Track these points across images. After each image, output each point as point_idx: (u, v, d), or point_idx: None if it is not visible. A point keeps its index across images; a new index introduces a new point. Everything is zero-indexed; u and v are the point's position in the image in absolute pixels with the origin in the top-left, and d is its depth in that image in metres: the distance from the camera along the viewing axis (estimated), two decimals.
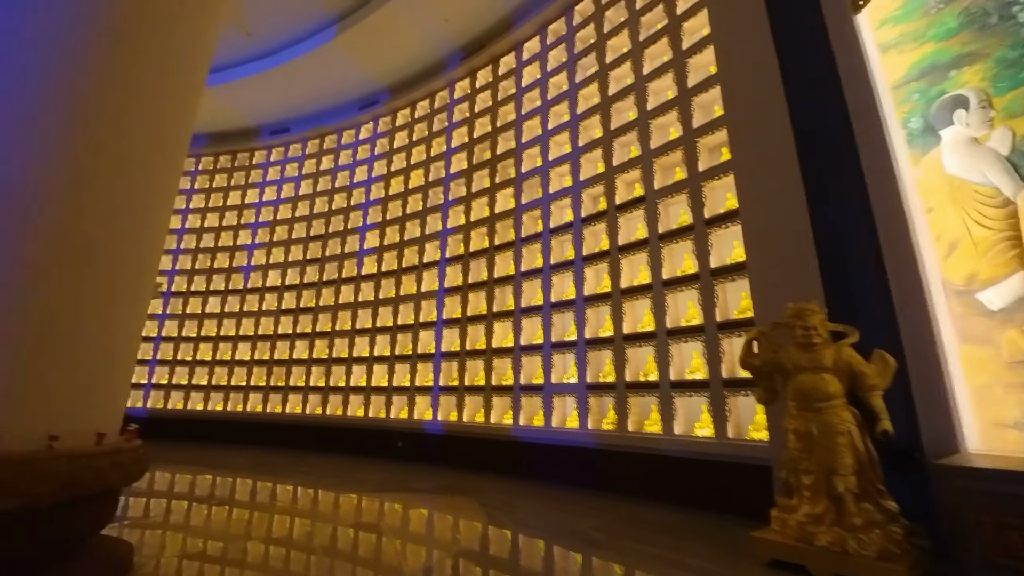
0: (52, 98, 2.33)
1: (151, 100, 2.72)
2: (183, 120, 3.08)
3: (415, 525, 3.70)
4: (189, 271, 9.87)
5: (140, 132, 2.63)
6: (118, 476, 2.22)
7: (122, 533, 3.20)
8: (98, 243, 2.37)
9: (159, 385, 9.16)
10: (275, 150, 10.40)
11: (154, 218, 2.77)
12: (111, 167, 2.46)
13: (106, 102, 2.48)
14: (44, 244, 2.18)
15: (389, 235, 8.21)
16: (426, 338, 7.19)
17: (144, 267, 2.68)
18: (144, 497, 4.44)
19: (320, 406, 7.87)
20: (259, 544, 3.12)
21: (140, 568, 2.53)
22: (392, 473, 5.68)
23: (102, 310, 2.37)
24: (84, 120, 2.39)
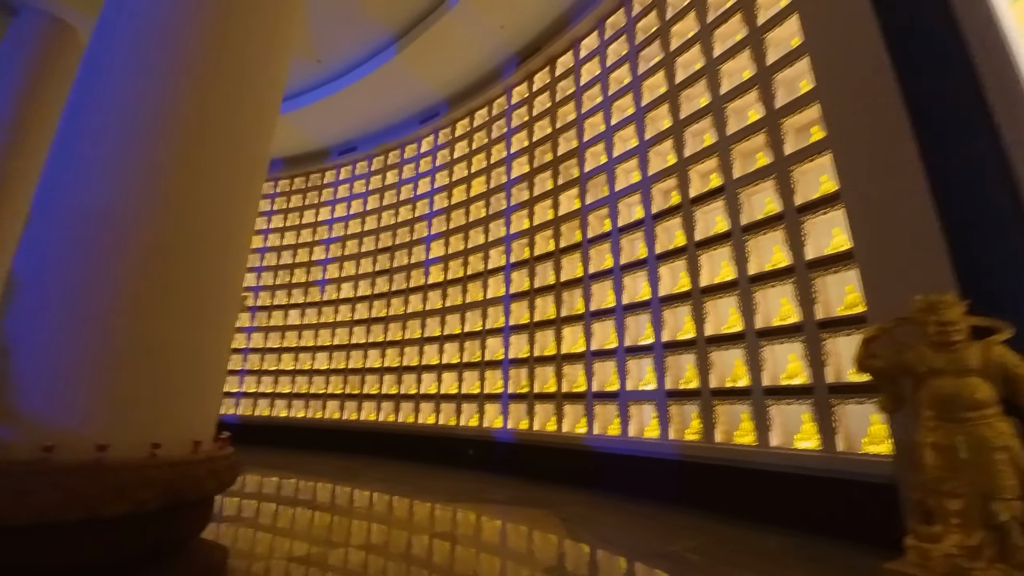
0: (146, 131, 2.48)
1: (232, 130, 2.84)
2: (261, 146, 3.20)
3: (492, 537, 3.57)
4: (272, 286, 10.56)
5: (223, 159, 2.75)
6: (213, 483, 2.28)
7: (218, 534, 3.35)
8: (189, 261, 2.47)
9: (248, 393, 9.83)
10: (343, 169, 10.92)
11: (238, 237, 2.88)
12: (197, 192, 2.57)
13: (192, 133, 2.61)
14: (140, 263, 2.30)
15: (453, 244, 8.29)
16: (494, 345, 7.14)
17: (231, 282, 2.79)
18: (236, 498, 4.69)
19: (393, 413, 8.04)
20: (341, 549, 3.14)
21: (233, 573, 2.59)
22: (464, 482, 5.63)
23: (195, 323, 2.47)
24: (173, 149, 2.51)
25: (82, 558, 1.86)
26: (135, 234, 2.32)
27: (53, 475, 1.84)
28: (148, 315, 2.28)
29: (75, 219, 2.25)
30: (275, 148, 11.37)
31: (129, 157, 2.41)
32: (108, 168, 2.36)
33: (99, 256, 2.23)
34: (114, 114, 2.47)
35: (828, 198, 3.94)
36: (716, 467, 4.23)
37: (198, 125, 2.64)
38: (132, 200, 2.35)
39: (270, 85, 3.24)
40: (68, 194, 2.31)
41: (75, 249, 2.22)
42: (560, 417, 5.86)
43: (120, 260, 2.26)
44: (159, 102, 2.54)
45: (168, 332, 2.33)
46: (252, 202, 3.04)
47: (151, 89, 2.55)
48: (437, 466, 6.82)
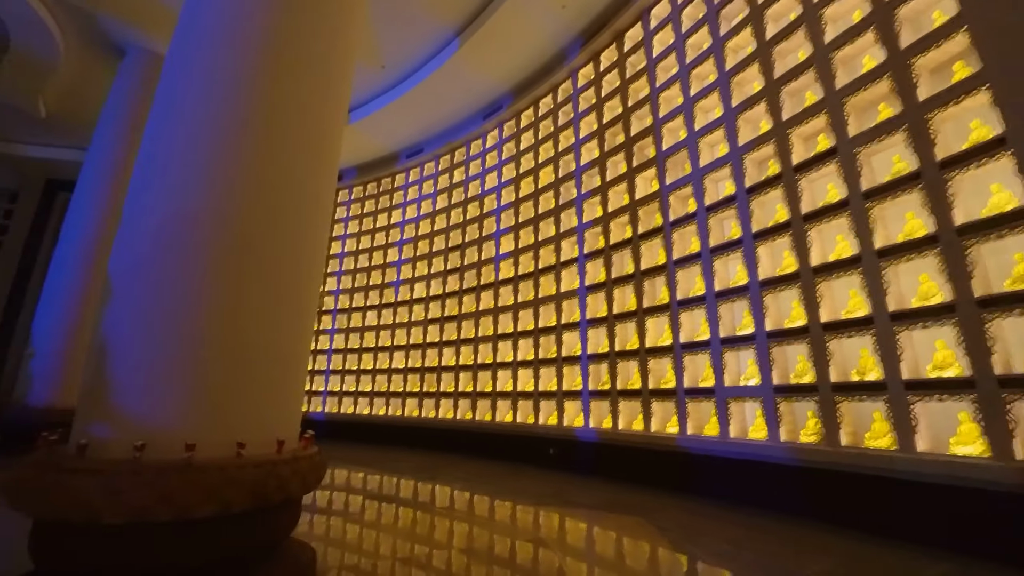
0: (225, 137, 2.46)
1: (305, 132, 2.78)
2: (331, 145, 3.13)
3: (584, 546, 3.27)
4: (350, 290, 10.99)
5: (298, 160, 2.69)
6: (297, 484, 2.19)
7: (310, 530, 3.35)
8: (269, 261, 2.42)
9: (333, 392, 10.29)
10: (412, 171, 11.10)
11: (314, 237, 2.80)
12: (275, 192, 2.52)
13: (267, 136, 2.57)
14: (223, 263, 2.27)
15: (523, 237, 8.07)
16: (570, 340, 6.82)
17: (309, 281, 2.72)
18: (326, 491, 4.78)
19: (470, 411, 7.98)
20: (428, 550, 3.00)
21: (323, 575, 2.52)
22: (546, 483, 5.37)
23: (276, 321, 2.41)
24: (250, 152, 2.48)
25: (171, 560, 1.81)
26: (217, 235, 2.29)
27: (145, 474, 1.81)
28: (232, 313, 2.24)
29: (161, 223, 2.26)
30: (348, 157, 11.87)
31: (210, 162, 2.40)
32: (190, 173, 2.37)
33: (184, 257, 2.22)
34: (194, 121, 2.47)
35: (984, 147, 3.20)
36: (843, 475, 3.62)
37: (273, 129, 2.60)
38: (214, 202, 2.34)
39: (338, 83, 3.18)
40: (153, 199, 2.33)
41: (161, 251, 2.22)
42: (648, 416, 5.42)
43: (204, 260, 2.23)
44: (236, 108, 2.53)
45: (251, 330, 2.28)
46: (325, 202, 2.97)
47: (228, 96, 2.54)
48: (516, 465, 6.64)
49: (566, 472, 6.06)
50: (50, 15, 8.37)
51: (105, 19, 8.51)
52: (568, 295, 6.90)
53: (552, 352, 6.96)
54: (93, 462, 1.84)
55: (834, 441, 3.74)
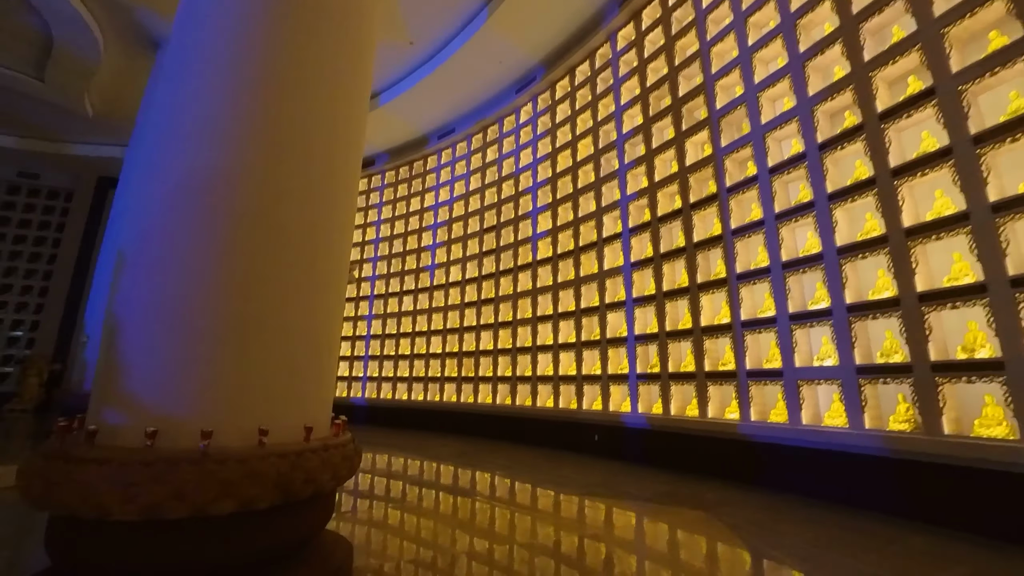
0: (246, 87, 2.20)
1: (331, 86, 2.51)
2: (356, 119, 2.84)
3: (641, 543, 2.94)
4: (386, 275, 10.91)
5: (323, 118, 2.42)
6: (328, 476, 1.95)
7: (353, 515, 3.16)
8: (294, 230, 2.17)
9: (373, 377, 10.29)
10: (444, 152, 10.82)
11: (343, 207, 2.54)
12: (300, 154, 2.26)
13: (292, 87, 2.30)
14: (245, 229, 2.03)
15: (562, 215, 7.66)
16: (615, 321, 6.41)
17: (338, 255, 2.47)
18: (367, 474, 4.64)
19: (509, 396, 7.74)
20: (467, 544, 2.75)
21: (360, 573, 2.30)
22: (593, 471, 5.05)
23: (303, 297, 2.17)
24: (272, 106, 2.22)
25: (189, 560, 1.60)
26: (238, 197, 2.06)
27: (157, 466, 1.59)
28: (251, 286, 2.00)
29: (177, 183, 2.05)
30: (378, 142, 11.71)
31: (228, 115, 2.16)
32: (208, 127, 2.13)
33: (197, 224, 1.99)
34: (212, 71, 2.23)
35: None
36: (948, 468, 3.11)
37: (297, 79, 2.33)
38: (234, 160, 2.10)
39: (365, 37, 2.89)
40: (168, 157, 2.11)
41: (173, 218, 2.00)
42: (703, 400, 4.99)
43: (224, 226, 2.00)
44: (258, 57, 2.27)
45: (273, 306, 2.04)
46: (353, 170, 2.70)
47: (250, 43, 2.28)
48: (558, 452, 6.35)
49: (612, 460, 5.72)
50: (88, 12, 8.50)
51: (142, 12, 8.58)
52: (612, 273, 6.48)
53: (595, 334, 6.58)
54: (102, 450, 1.65)
55: (935, 428, 3.23)
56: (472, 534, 3.07)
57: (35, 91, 10.38)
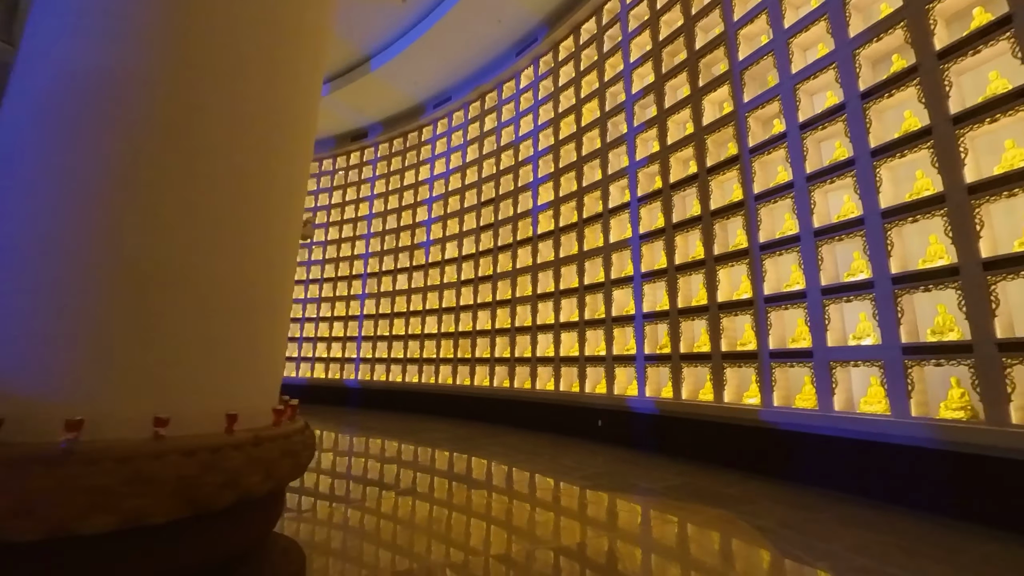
0: None
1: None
2: (310, 29, 2.32)
3: (660, 550, 2.50)
4: (380, 252, 10.41)
5: (259, 27, 1.90)
6: (259, 477, 1.49)
7: (320, 529, 2.73)
8: (216, 155, 1.66)
9: (366, 359, 9.87)
10: (440, 122, 10.22)
11: (285, 136, 2.02)
12: (227, 61, 1.74)
13: None
14: (143, 145, 1.52)
15: (564, 185, 7.12)
16: (621, 298, 5.93)
17: (280, 194, 1.96)
18: (362, 460, 4.22)
19: (508, 378, 7.31)
20: (451, 556, 2.32)
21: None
22: (599, 459, 4.63)
23: (228, 243, 1.67)
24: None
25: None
26: (140, 107, 1.54)
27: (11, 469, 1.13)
28: (158, 225, 1.50)
29: (57, 86, 1.52)
30: (371, 111, 11.09)
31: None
32: (103, 18, 1.60)
33: (87, 137, 1.49)
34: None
35: None
36: (1019, 464, 2.66)
37: None
38: (137, 59, 1.57)
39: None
40: (49, 54, 1.58)
41: (54, 126, 1.48)
42: (719, 384, 4.53)
43: (117, 143, 1.49)
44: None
45: (189, 253, 1.55)
46: (306, 89, 2.17)
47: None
48: (561, 437, 5.93)
49: (618, 447, 5.31)
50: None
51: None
52: (618, 246, 5.97)
53: (599, 312, 6.11)
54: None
55: (1000, 417, 2.76)
56: (461, 535, 2.64)
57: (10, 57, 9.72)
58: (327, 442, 5.74)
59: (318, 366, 10.62)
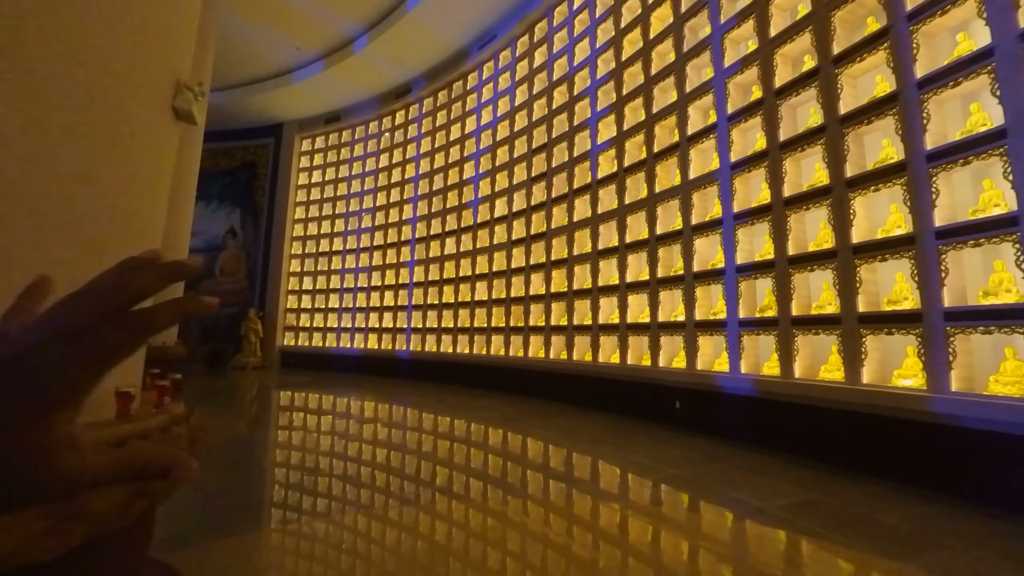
0: None
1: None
2: None
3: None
4: (427, 215, 9.70)
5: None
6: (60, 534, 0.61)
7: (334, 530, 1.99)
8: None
9: (416, 329, 9.33)
10: (485, 67, 9.12)
11: None
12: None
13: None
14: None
15: (629, 116, 5.84)
16: (705, 248, 4.69)
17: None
18: (413, 433, 3.52)
19: (565, 350, 6.34)
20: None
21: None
22: (676, 452, 3.59)
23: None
24: None
25: None
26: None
27: None
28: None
29: None
30: (413, 61, 10.15)
31: None
32: None
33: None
34: None
35: None
36: None
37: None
38: None
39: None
40: None
41: None
42: (854, 358, 3.26)
43: None
44: None
45: None
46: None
47: None
48: (626, 421, 4.93)
49: (699, 435, 4.21)
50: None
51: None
52: (701, 183, 4.69)
53: (677, 267, 4.91)
54: None
55: None
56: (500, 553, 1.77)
57: None
58: (340, 420, 5.15)
59: (371, 336, 10.28)
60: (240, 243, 12.73)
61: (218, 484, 2.73)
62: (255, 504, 2.54)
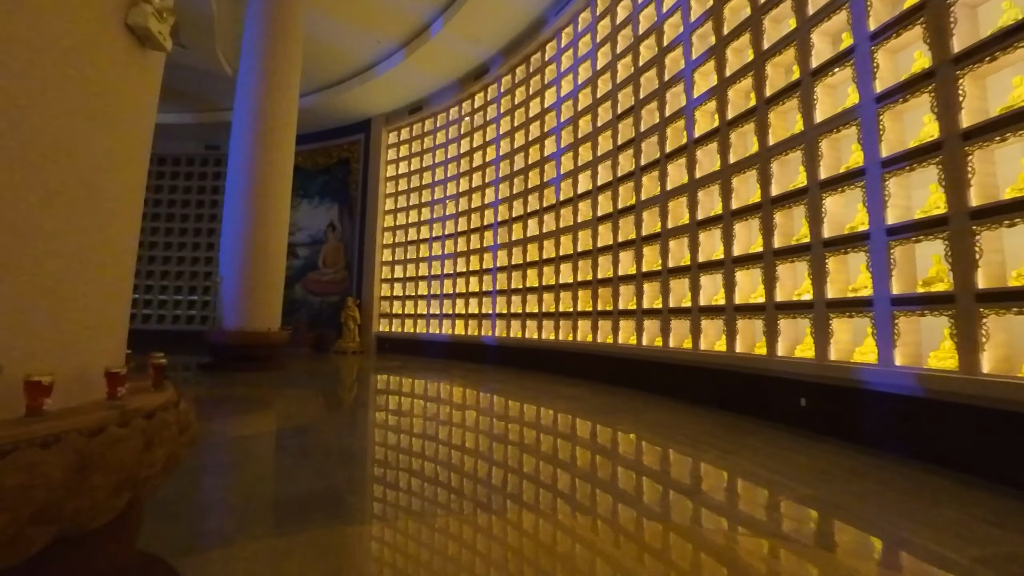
0: None
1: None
2: None
3: None
4: (508, 198, 9.39)
5: None
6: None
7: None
8: None
9: (501, 314, 9.13)
10: (563, 33, 8.47)
11: None
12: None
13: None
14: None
15: (732, 58, 4.93)
16: (840, 209, 3.76)
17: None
18: (494, 418, 3.28)
19: (660, 336, 5.66)
20: None
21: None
22: (802, 463, 2.87)
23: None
24: None
25: None
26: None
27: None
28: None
29: None
30: (488, 38, 9.74)
31: None
32: None
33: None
34: None
35: None
36: None
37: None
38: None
39: None
40: None
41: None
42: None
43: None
44: None
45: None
46: None
47: None
48: (733, 418, 4.20)
49: (828, 440, 3.40)
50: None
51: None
52: (829, 126, 3.73)
53: (800, 235, 4.02)
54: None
55: None
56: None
57: (182, 58, 11.06)
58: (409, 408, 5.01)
59: (458, 323, 10.32)
60: (339, 236, 13.52)
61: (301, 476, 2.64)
62: (334, 499, 2.38)
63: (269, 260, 7.39)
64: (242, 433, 3.85)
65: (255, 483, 2.65)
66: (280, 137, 7.77)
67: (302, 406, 4.90)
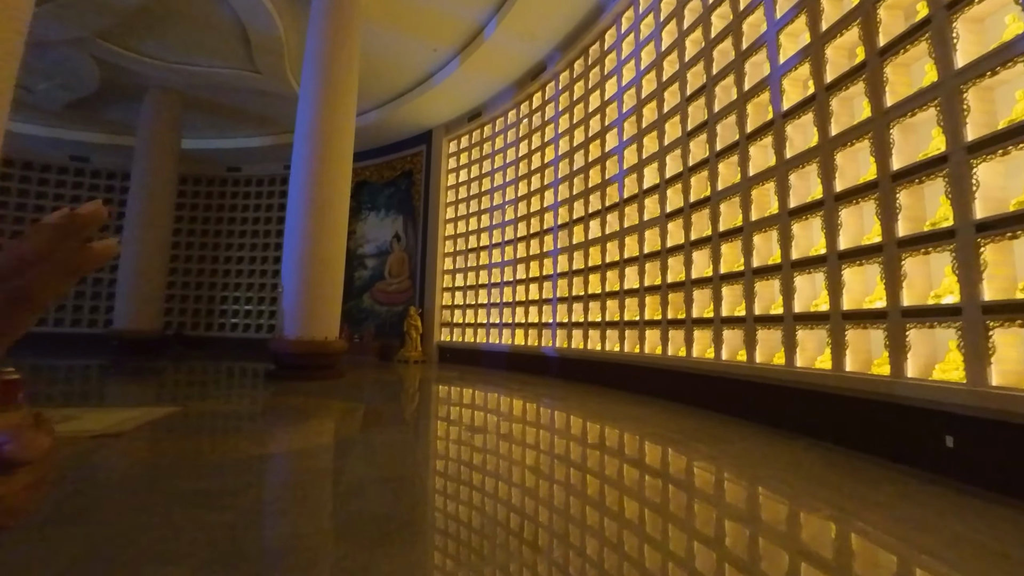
0: None
1: None
2: None
3: None
4: (569, 199, 8.80)
5: None
6: None
7: None
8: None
9: (562, 324, 8.52)
10: (623, 17, 7.80)
11: None
12: None
13: None
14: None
15: (828, 9, 4.01)
16: (994, 180, 2.78)
17: None
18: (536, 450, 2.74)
19: (744, 349, 4.77)
20: None
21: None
22: (954, 529, 2.01)
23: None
24: None
25: None
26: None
27: None
28: None
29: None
30: (545, 32, 9.19)
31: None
32: None
33: None
34: None
35: None
36: None
37: None
38: None
39: None
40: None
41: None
42: None
43: None
44: None
45: None
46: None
47: None
48: (846, 453, 3.28)
49: (979, 491, 2.45)
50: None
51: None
52: (981, 68, 2.78)
53: (937, 217, 3.06)
54: None
55: None
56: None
57: (259, 84, 11.75)
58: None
59: (518, 332, 9.84)
60: (404, 246, 13.67)
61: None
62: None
63: (327, 270, 7.40)
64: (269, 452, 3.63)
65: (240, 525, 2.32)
66: (337, 149, 7.81)
67: (341, 424, 4.65)
